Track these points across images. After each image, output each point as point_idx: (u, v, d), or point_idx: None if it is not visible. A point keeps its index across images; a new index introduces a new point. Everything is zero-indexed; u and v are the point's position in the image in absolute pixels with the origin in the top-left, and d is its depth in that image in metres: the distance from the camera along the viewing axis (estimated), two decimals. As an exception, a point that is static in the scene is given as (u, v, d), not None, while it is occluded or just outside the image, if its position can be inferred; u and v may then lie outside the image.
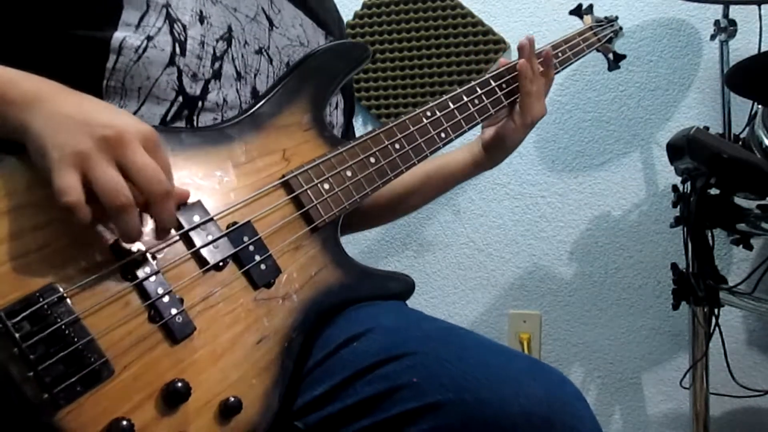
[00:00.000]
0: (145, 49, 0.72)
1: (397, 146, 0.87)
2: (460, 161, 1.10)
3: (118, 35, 0.71)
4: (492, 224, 1.90)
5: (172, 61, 0.74)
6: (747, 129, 1.48)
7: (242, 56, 0.83)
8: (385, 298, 0.82)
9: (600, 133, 1.84)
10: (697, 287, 1.40)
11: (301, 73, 0.84)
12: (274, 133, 0.79)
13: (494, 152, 1.08)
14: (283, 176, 0.76)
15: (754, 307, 1.37)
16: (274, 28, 0.89)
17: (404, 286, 0.85)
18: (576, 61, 1.18)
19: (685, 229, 1.41)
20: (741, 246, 1.38)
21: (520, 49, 1.02)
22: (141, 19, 0.73)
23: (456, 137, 0.95)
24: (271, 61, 0.87)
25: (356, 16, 1.95)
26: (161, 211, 0.59)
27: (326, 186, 0.78)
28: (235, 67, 0.82)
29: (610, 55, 1.33)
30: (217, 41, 0.80)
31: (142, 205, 0.59)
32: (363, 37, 1.94)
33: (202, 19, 0.79)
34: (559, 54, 1.13)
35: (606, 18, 1.33)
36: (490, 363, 0.67)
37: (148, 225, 0.62)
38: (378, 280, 0.83)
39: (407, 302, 0.87)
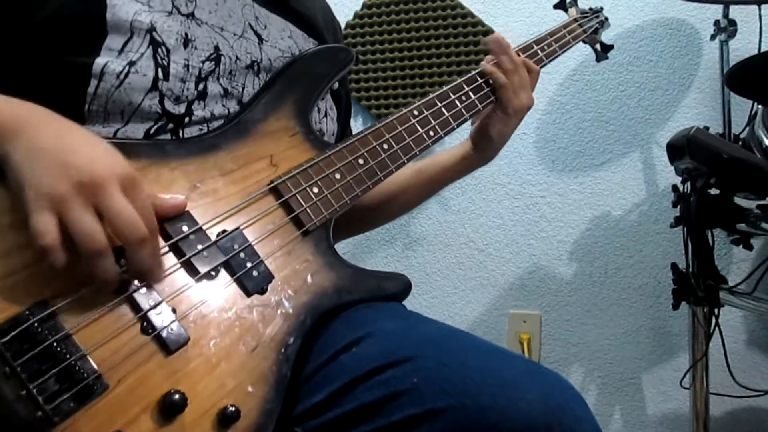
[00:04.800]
0: (126, 75, 0.72)
1: (385, 146, 0.87)
2: (451, 157, 1.10)
3: (99, 60, 0.71)
4: (492, 224, 1.90)
5: (154, 86, 0.74)
6: (747, 129, 1.47)
7: (230, 72, 0.83)
8: (381, 298, 0.81)
9: (600, 133, 1.83)
10: (697, 287, 1.40)
11: (286, 79, 0.84)
12: (260, 139, 0.79)
13: (482, 146, 1.07)
14: (272, 182, 0.75)
15: (754, 307, 1.37)
16: (263, 42, 0.89)
17: (401, 286, 0.84)
18: (563, 53, 1.17)
19: (685, 229, 1.41)
20: (741, 246, 1.38)
21: (487, 45, 1.03)
22: (124, 44, 0.73)
23: (445, 134, 0.95)
24: (258, 73, 0.87)
25: (356, 16, 1.95)
26: (135, 256, 0.59)
27: (315, 190, 0.78)
28: (221, 84, 0.82)
29: (597, 46, 1.32)
30: (204, 62, 0.80)
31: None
32: (363, 37, 1.94)
33: (186, 42, 0.78)
34: (545, 47, 1.13)
35: (591, 9, 1.32)
36: (489, 367, 0.67)
37: None
38: (373, 281, 0.82)
39: (408, 302, 0.86)
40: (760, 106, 1.38)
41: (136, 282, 0.61)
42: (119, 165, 0.60)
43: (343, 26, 1.92)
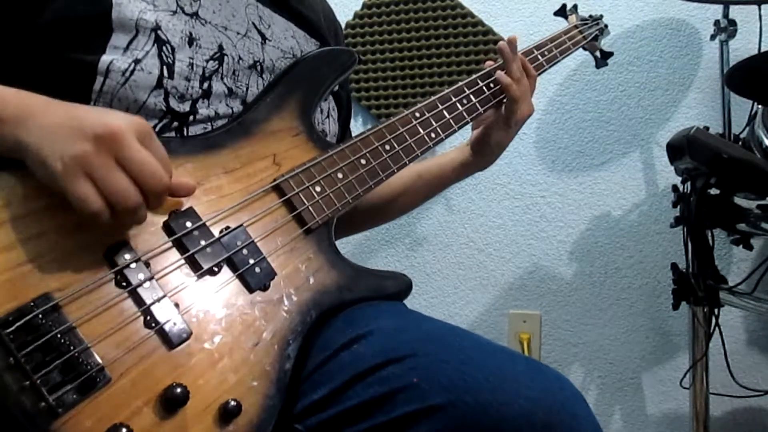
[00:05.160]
0: (132, 72, 0.73)
1: (387, 147, 0.88)
2: (451, 161, 1.12)
3: (105, 58, 0.72)
4: (492, 224, 1.91)
5: (159, 84, 0.75)
6: (747, 129, 1.48)
7: (234, 72, 0.83)
8: (382, 297, 0.82)
9: (600, 133, 1.84)
10: (697, 287, 1.40)
11: (289, 80, 0.85)
12: (263, 138, 0.79)
13: (482, 152, 1.09)
14: (274, 180, 0.76)
15: (754, 307, 1.37)
16: (266, 41, 0.90)
17: (401, 286, 0.85)
18: (563, 59, 1.19)
19: (685, 229, 1.41)
20: (741, 246, 1.38)
21: (502, 54, 1.04)
22: (130, 42, 0.74)
23: (446, 137, 0.96)
24: (262, 73, 0.87)
25: (356, 16, 1.95)
26: (157, 204, 0.62)
27: (318, 188, 0.79)
28: (225, 84, 0.82)
29: (597, 53, 1.34)
30: (207, 61, 0.80)
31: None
32: (363, 37, 1.94)
33: (191, 41, 0.79)
34: (545, 53, 1.15)
35: (591, 16, 1.34)
36: (489, 365, 0.67)
37: (143, 233, 0.63)
38: (374, 280, 0.83)
39: (408, 302, 0.86)
40: (760, 106, 1.38)
41: (140, 276, 0.61)
42: (130, 117, 0.61)
43: (343, 26, 1.92)
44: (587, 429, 0.64)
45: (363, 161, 0.84)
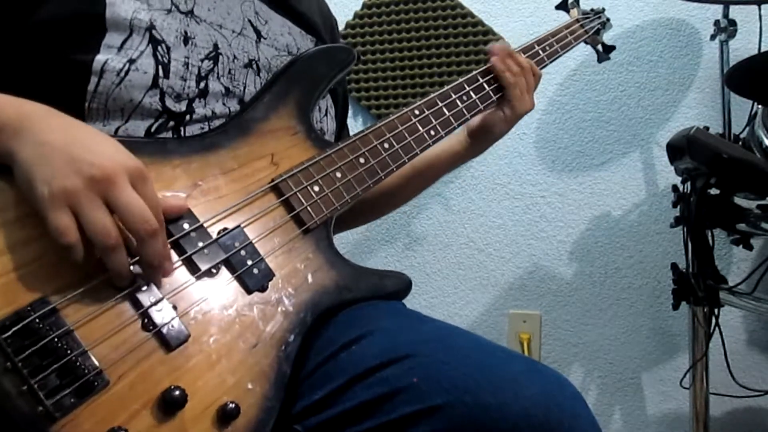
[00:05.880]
0: (127, 72, 0.72)
1: (386, 145, 0.87)
2: (445, 150, 1.11)
3: (99, 58, 0.71)
4: (492, 224, 1.90)
5: (155, 84, 0.74)
6: (747, 129, 1.47)
7: (230, 71, 0.83)
8: (381, 297, 0.82)
9: (600, 133, 1.84)
10: (697, 287, 1.40)
11: (287, 78, 0.85)
12: (261, 138, 0.79)
13: (480, 140, 1.09)
14: (272, 180, 0.76)
15: (754, 307, 1.37)
16: (262, 39, 0.89)
17: (401, 284, 0.85)
18: (564, 53, 1.19)
19: (685, 229, 1.41)
20: (741, 246, 1.38)
21: (493, 48, 1.04)
22: (124, 42, 0.73)
23: (446, 134, 0.96)
24: (258, 72, 0.87)
25: (356, 16, 1.95)
26: (147, 250, 0.60)
27: (316, 188, 0.79)
28: (222, 83, 0.82)
29: (599, 47, 1.33)
30: (203, 60, 0.80)
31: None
32: (363, 37, 1.94)
33: (186, 39, 0.79)
34: (546, 47, 1.14)
35: (593, 10, 1.33)
36: (489, 364, 0.67)
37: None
38: (374, 279, 0.82)
39: (408, 302, 0.86)
40: (760, 106, 1.38)
41: (137, 279, 0.61)
42: (127, 159, 0.61)
43: (343, 26, 1.93)
44: (586, 429, 0.64)
45: (362, 160, 0.84)
